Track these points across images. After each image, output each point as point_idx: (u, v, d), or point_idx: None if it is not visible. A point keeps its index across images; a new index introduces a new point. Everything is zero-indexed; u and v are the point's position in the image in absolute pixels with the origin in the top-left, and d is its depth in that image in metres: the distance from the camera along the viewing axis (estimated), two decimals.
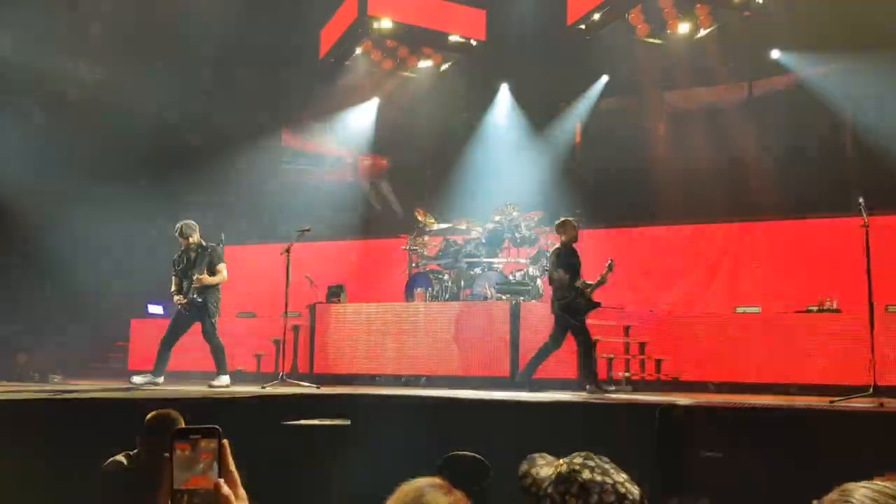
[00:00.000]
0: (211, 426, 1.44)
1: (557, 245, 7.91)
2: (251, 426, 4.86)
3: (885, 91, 10.44)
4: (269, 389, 7.07)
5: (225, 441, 1.42)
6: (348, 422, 5.14)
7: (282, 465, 4.69)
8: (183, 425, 3.70)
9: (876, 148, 10.37)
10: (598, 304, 7.79)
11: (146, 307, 11.82)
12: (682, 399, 5.68)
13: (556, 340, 7.65)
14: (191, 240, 8.32)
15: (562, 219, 7.99)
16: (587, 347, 7.59)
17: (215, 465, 1.43)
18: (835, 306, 8.92)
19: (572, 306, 7.58)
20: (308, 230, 8.47)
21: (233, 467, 1.43)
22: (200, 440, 1.43)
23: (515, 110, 13.37)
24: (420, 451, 5.07)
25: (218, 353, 8.15)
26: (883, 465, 4.09)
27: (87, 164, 11.32)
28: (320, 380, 8.57)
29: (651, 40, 11.87)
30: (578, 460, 1.80)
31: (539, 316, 8.56)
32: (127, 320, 11.46)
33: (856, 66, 10.80)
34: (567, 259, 7.68)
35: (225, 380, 7.98)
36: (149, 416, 3.70)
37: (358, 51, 13.06)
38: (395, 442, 5.28)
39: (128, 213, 12.08)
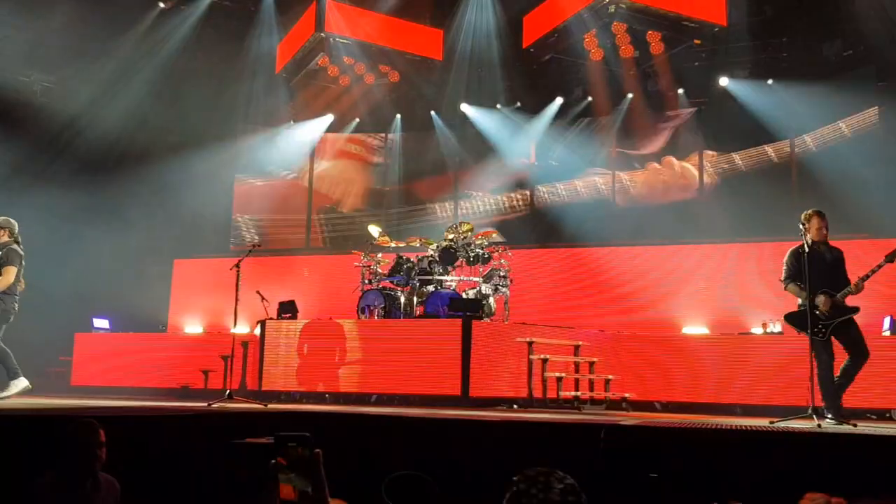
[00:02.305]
0: (303, 434, 1.44)
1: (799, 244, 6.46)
2: (195, 444, 4.77)
3: (823, 119, 10.85)
4: (216, 407, 6.95)
5: (318, 450, 1.42)
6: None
7: (225, 483, 4.61)
8: (101, 434, 3.58)
9: (817, 174, 10.73)
10: (850, 312, 6.23)
11: (91, 321, 11.57)
12: (628, 419, 5.75)
13: (818, 357, 6.24)
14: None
15: (808, 211, 6.53)
16: (819, 369, 6.19)
17: (307, 473, 1.42)
18: (778, 329, 9.15)
19: (801, 316, 6.29)
20: (258, 245, 8.40)
21: (323, 477, 1.42)
22: (296, 450, 1.43)
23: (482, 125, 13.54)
24: (369, 470, 5.04)
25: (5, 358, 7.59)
26: (820, 485, 4.19)
27: (30, 171, 11.11)
28: (269, 397, 8.46)
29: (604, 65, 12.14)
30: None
31: (491, 334, 8.60)
32: (72, 333, 11.20)
33: (795, 95, 11.20)
34: (797, 260, 6.37)
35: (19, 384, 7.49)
36: (68, 427, 3.58)
37: (314, 66, 13.06)
38: (342, 461, 5.23)
39: (73, 222, 11.84)
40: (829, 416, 6.07)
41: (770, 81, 11.71)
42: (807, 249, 6.23)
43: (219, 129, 13.35)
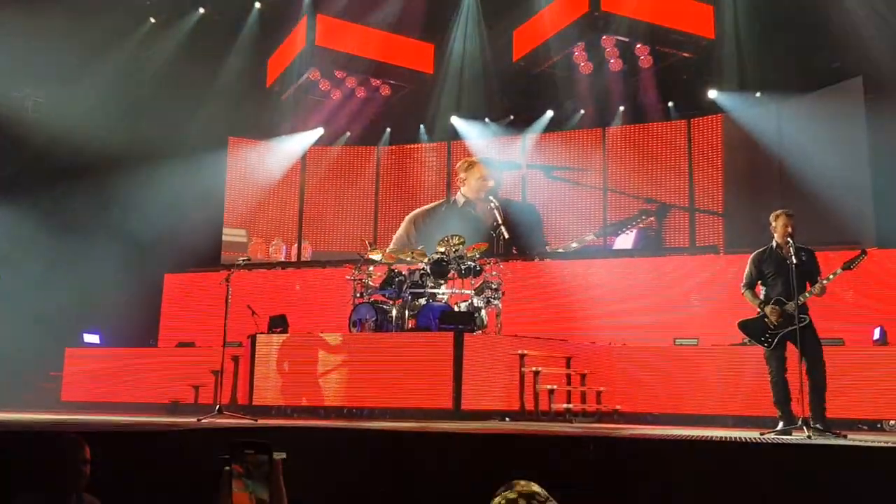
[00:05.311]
0: (262, 442, 1.41)
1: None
2: (184, 459, 4.74)
3: (811, 131, 10.92)
4: (206, 422, 6.92)
5: (277, 458, 1.40)
6: (284, 455, 5.04)
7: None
8: (87, 451, 3.51)
9: (802, 186, 10.79)
10: (798, 323, 5.93)
11: (81, 335, 11.52)
12: (619, 430, 5.75)
13: (768, 366, 6.32)
14: None
15: (776, 211, 6.43)
16: (770, 377, 6.27)
17: (265, 482, 1.39)
18: None
19: (750, 323, 6.36)
20: (249, 259, 8.38)
21: (282, 486, 1.39)
22: (254, 457, 1.41)
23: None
24: (362, 484, 5.02)
25: None
26: (809, 497, 4.20)
27: (20, 185, 11.11)
28: (260, 412, 8.42)
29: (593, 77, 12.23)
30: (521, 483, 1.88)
31: (483, 347, 8.59)
32: (61, 348, 11.15)
33: (786, 107, 11.27)
34: (756, 266, 6.43)
35: None
36: (52, 444, 3.51)
37: (305, 79, 13.10)
38: (334, 475, 5.21)
39: (64, 237, 11.81)
40: (781, 424, 6.08)
41: (758, 94, 11.80)
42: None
43: (210, 143, 13.36)
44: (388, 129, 14.14)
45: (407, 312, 9.41)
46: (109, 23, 12.38)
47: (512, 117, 13.43)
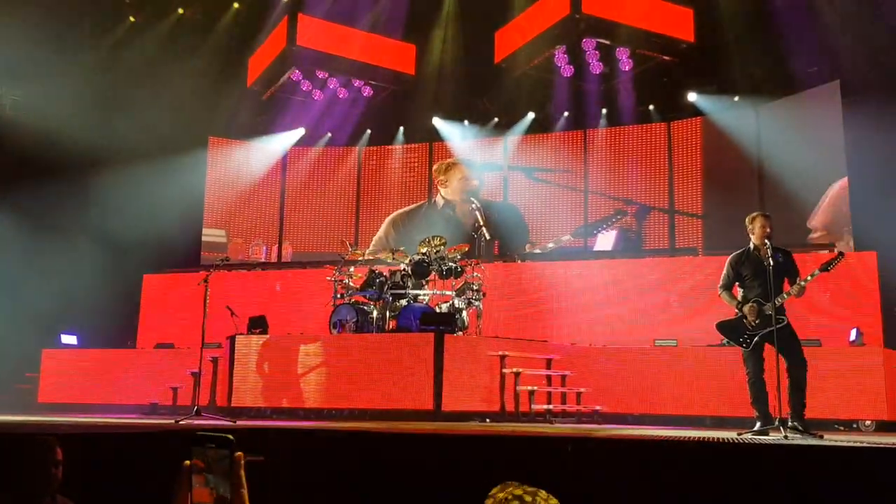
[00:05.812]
0: (224, 436, 1.38)
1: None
2: (160, 461, 4.70)
3: (789, 134, 11.02)
4: (184, 423, 6.86)
5: (239, 453, 1.37)
6: (261, 458, 5.00)
7: None
8: (59, 452, 3.46)
9: (780, 188, 10.89)
10: (776, 324, 5.99)
11: (59, 336, 11.39)
12: (599, 431, 5.77)
13: (745, 366, 6.34)
14: None
15: (753, 213, 6.52)
16: (748, 378, 6.28)
17: (226, 478, 1.37)
18: None
19: (728, 324, 6.39)
20: (228, 259, 8.33)
21: (243, 483, 1.37)
22: (215, 451, 1.37)
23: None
24: (341, 486, 5.00)
25: None
26: (785, 497, 4.23)
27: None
28: (238, 414, 8.37)
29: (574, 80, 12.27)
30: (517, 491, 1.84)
31: (464, 348, 8.59)
32: (38, 349, 11.02)
33: (765, 111, 11.37)
34: (733, 268, 6.46)
35: None
36: (23, 446, 3.46)
37: (286, 80, 13.05)
38: (313, 477, 5.19)
39: (41, 237, 11.68)
40: (758, 424, 6.10)
41: (737, 97, 11.91)
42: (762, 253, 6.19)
43: (190, 142, 13.27)
44: (369, 130, 14.11)
45: (388, 313, 9.40)
46: (88, 21, 12.29)
47: (496, 119, 13.45)
